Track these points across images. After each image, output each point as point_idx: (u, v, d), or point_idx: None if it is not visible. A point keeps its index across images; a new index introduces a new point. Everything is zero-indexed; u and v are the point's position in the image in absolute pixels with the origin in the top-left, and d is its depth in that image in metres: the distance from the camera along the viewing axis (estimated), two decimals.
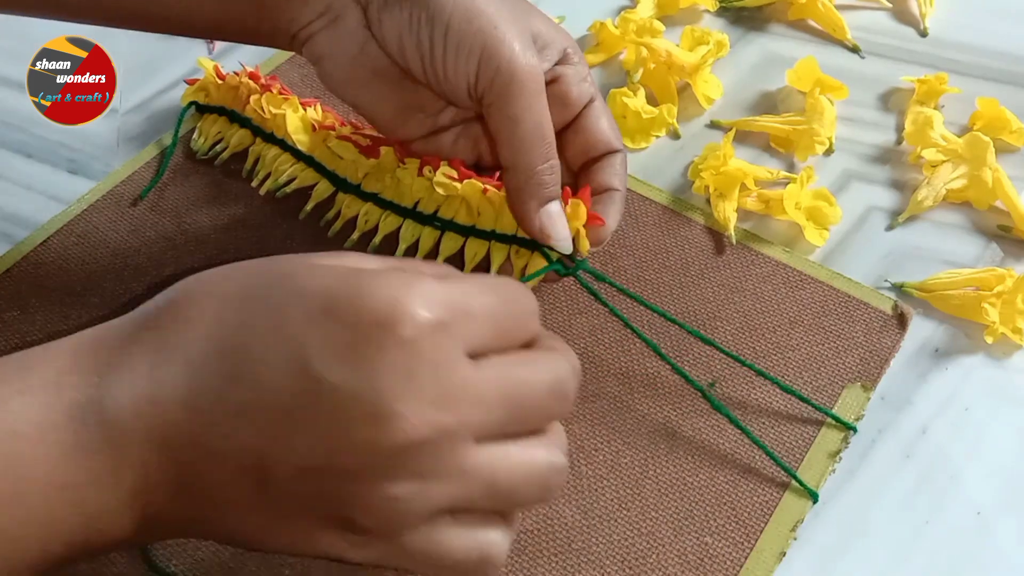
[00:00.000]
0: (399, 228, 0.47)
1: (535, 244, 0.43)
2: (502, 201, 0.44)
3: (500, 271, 0.44)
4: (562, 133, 0.44)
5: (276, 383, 0.27)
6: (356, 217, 0.48)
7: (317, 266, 0.29)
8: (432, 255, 0.46)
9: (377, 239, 0.48)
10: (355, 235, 0.48)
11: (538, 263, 0.43)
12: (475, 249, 0.45)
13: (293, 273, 0.29)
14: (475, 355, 0.28)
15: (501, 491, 0.29)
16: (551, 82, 0.43)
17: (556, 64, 0.43)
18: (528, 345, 0.31)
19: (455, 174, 0.44)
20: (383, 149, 0.47)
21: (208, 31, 0.45)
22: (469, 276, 0.31)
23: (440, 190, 0.45)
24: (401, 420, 0.26)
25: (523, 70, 0.39)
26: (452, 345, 0.28)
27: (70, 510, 0.28)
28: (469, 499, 0.29)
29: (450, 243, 0.46)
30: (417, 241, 0.47)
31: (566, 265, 0.43)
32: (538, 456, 0.30)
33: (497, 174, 0.45)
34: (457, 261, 0.46)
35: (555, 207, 0.41)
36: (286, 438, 0.27)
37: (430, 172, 0.45)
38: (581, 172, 0.45)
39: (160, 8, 0.43)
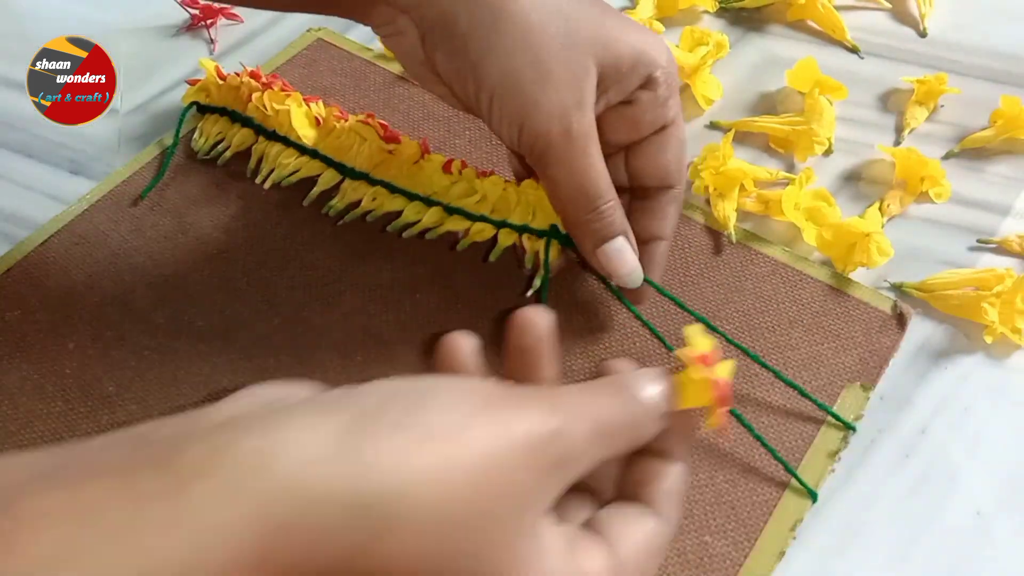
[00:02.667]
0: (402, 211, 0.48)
1: (548, 233, 0.44)
2: (518, 197, 0.45)
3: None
4: (629, 148, 0.43)
5: None
6: (359, 201, 0.49)
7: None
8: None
9: (378, 212, 0.48)
10: (358, 211, 0.49)
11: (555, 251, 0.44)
12: (481, 227, 0.46)
13: None
14: None
15: None
16: (627, 103, 0.41)
17: (636, 89, 0.41)
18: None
19: (474, 174, 0.46)
20: (404, 138, 0.48)
21: (312, 8, 0.49)
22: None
23: (468, 196, 0.46)
24: None
25: (562, 141, 0.39)
26: None
27: None
28: None
29: (457, 223, 0.47)
30: (419, 220, 0.48)
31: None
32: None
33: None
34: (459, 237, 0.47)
35: (614, 244, 0.41)
36: None
37: (458, 167, 0.46)
38: (634, 204, 0.44)
39: None
